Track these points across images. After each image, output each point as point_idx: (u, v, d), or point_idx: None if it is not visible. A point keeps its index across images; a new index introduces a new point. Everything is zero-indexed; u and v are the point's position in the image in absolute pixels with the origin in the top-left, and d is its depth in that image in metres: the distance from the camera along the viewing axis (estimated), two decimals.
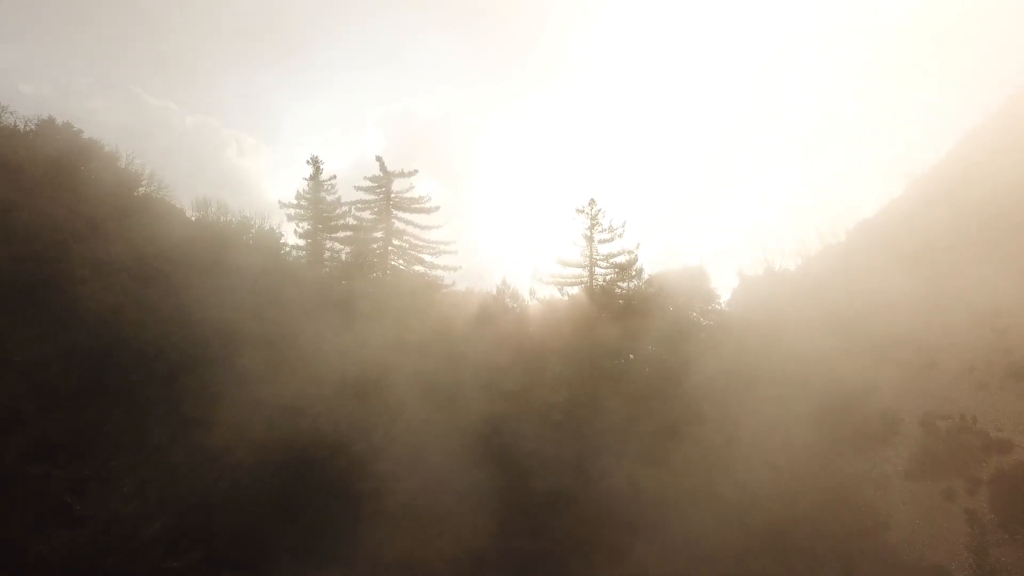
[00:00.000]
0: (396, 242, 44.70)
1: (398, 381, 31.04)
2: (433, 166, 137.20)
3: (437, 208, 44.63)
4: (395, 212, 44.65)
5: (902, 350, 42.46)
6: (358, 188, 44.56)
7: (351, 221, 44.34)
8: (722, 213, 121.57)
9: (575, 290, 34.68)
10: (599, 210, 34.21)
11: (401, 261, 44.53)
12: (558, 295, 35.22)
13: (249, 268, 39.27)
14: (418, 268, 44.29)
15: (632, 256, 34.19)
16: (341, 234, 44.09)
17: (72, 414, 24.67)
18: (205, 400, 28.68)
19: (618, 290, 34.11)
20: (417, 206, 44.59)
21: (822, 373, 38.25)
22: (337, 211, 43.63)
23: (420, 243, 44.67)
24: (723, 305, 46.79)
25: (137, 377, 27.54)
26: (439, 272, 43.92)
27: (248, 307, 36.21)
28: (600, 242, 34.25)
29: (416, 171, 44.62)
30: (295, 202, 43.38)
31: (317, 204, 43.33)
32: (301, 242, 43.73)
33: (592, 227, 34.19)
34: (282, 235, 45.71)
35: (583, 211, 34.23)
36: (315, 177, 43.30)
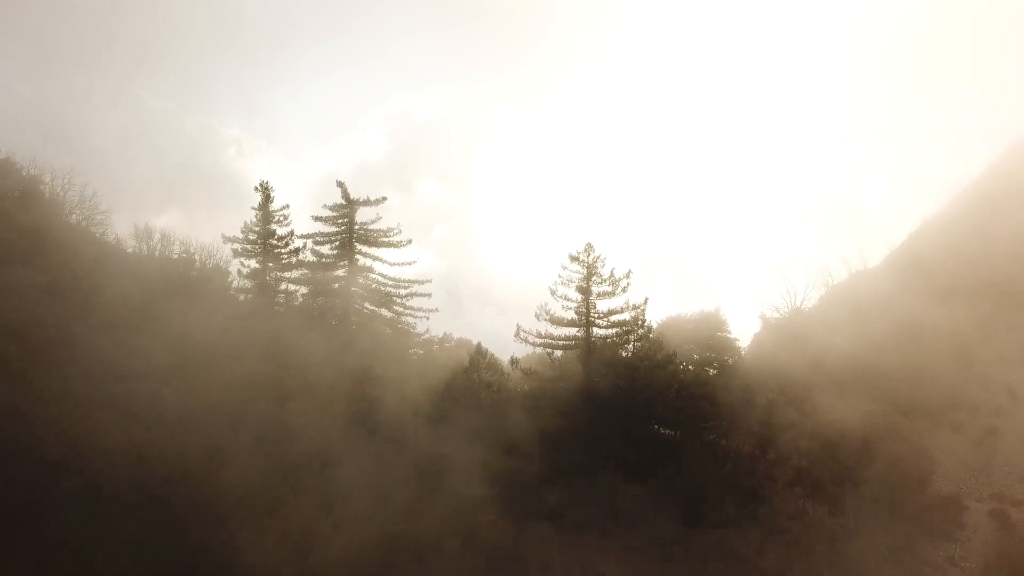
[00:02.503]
0: (361, 280, 38.27)
1: (347, 482, 24.63)
2: (434, 168, 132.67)
3: (409, 242, 38.22)
4: (359, 246, 38.20)
5: (956, 412, 35.92)
6: (316, 218, 38.13)
7: (309, 257, 37.93)
8: (736, 223, 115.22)
9: (569, 352, 28.26)
10: (597, 257, 27.66)
11: (367, 304, 38.07)
12: (547, 354, 28.83)
13: (181, 321, 32.91)
14: (385, 312, 37.83)
15: (638, 311, 27.73)
16: (296, 273, 37.65)
17: None
18: (79, 511, 22.34)
19: (622, 354, 27.68)
20: (385, 239, 38.14)
21: (866, 446, 31.67)
22: (291, 246, 37.15)
23: (389, 282, 38.21)
24: (743, 351, 40.30)
25: None
26: (409, 319, 37.53)
27: (170, 374, 29.90)
28: (599, 296, 27.74)
29: (384, 199, 38.19)
30: (241, 236, 36.91)
31: (267, 238, 36.86)
32: (250, 283, 37.28)
33: (589, 278, 27.64)
34: (229, 273, 39.38)
35: (578, 258, 27.66)
36: (264, 207, 36.82)
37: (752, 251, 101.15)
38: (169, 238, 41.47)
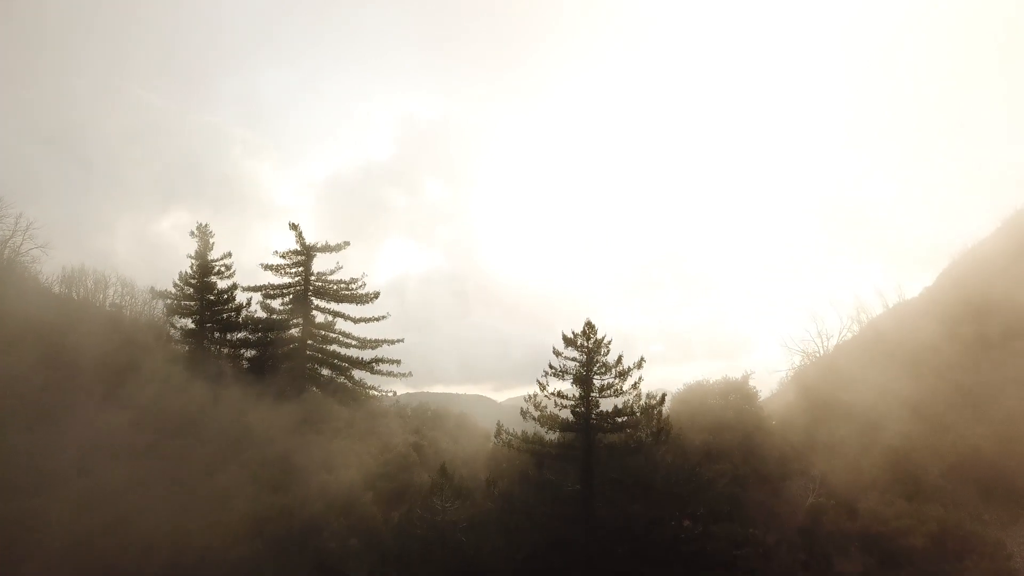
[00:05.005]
0: (320, 338, 32.31)
1: None
2: (437, 168, 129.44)
3: (376, 296, 32.27)
4: (316, 301, 32.24)
5: None
6: (267, 267, 32.23)
7: (257, 313, 32.02)
8: (736, 222, 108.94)
9: (564, 463, 22.10)
10: (599, 340, 21.45)
11: (325, 369, 32.12)
12: (534, 464, 22.74)
13: (93, 403, 27.04)
14: (345, 382, 31.87)
15: (653, 407, 21.58)
16: (241, 333, 31.70)
17: None
18: None
19: (630, 463, 21.55)
20: (347, 292, 32.21)
21: (938, 568, 25.37)
22: (233, 303, 31.18)
23: (353, 343, 32.24)
24: (768, 393, 34.16)
25: None
26: (375, 393, 31.60)
27: (65, 481, 24.07)
28: (602, 391, 21.63)
29: (347, 243, 32.33)
30: (175, 290, 30.96)
31: (205, 292, 30.89)
32: (185, 347, 31.35)
33: (590, 367, 21.52)
34: (170, 329, 33.37)
35: (575, 342, 21.46)
36: (202, 255, 30.83)
37: (753, 251, 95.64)
38: (104, 281, 35.58)
